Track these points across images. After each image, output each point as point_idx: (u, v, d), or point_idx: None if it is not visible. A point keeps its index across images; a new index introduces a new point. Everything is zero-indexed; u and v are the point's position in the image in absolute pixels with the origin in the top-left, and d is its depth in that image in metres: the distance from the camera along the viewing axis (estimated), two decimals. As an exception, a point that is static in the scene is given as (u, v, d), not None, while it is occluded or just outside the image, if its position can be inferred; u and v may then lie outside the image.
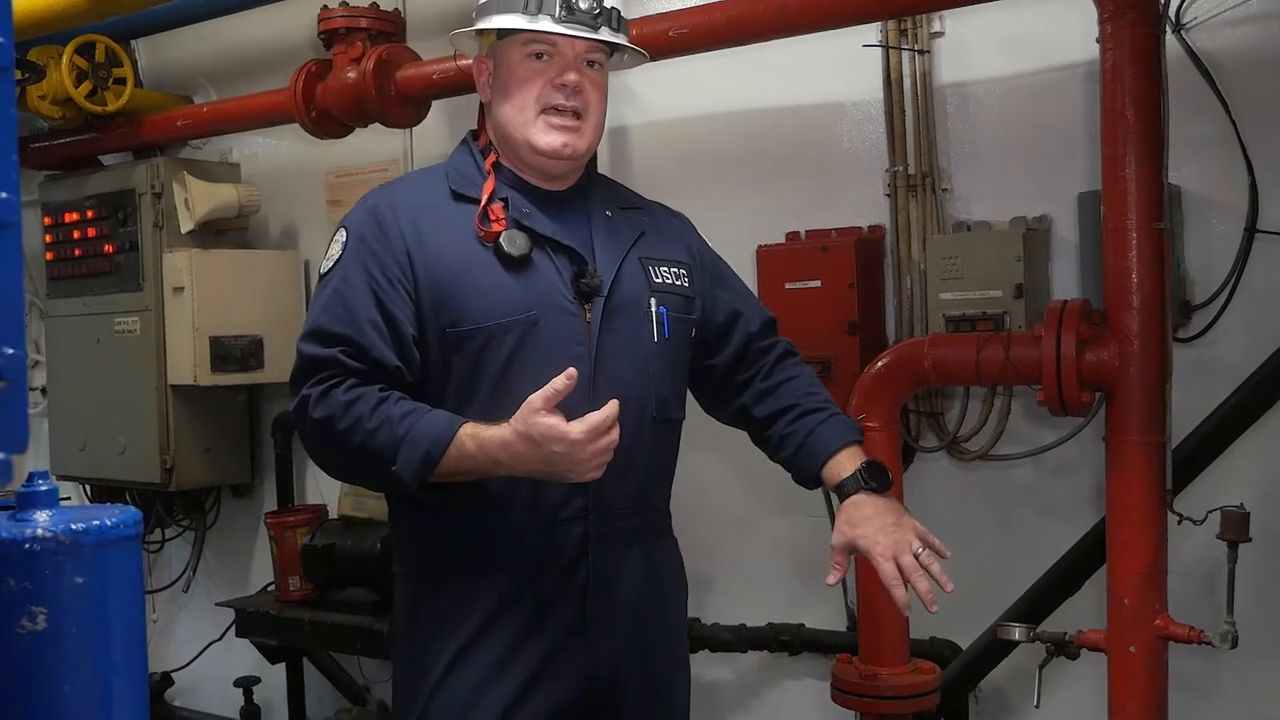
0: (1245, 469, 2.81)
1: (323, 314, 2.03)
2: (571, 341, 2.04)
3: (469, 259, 2.04)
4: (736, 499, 3.57)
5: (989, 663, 3.04)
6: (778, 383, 2.28)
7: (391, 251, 2.03)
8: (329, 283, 2.06)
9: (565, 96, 2.08)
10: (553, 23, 2.05)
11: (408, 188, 2.18)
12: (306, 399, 1.98)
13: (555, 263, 2.08)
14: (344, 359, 1.98)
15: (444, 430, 1.93)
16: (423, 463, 1.92)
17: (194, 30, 4.37)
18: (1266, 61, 2.80)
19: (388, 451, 1.93)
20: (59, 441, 4.49)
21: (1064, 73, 3.01)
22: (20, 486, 1.18)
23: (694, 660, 3.57)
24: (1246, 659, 2.74)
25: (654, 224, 2.28)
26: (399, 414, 1.95)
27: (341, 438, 1.95)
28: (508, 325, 2.02)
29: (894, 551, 2.09)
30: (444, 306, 2.02)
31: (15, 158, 0.91)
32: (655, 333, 2.14)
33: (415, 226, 2.05)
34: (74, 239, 4.42)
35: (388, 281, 2.02)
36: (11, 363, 0.90)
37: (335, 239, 2.10)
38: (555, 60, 2.08)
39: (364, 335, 1.99)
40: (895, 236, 3.24)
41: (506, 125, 2.12)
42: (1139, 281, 2.44)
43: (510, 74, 2.11)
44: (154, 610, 4.91)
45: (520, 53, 2.09)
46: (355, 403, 1.95)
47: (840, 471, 2.16)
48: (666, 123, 3.66)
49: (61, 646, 1.11)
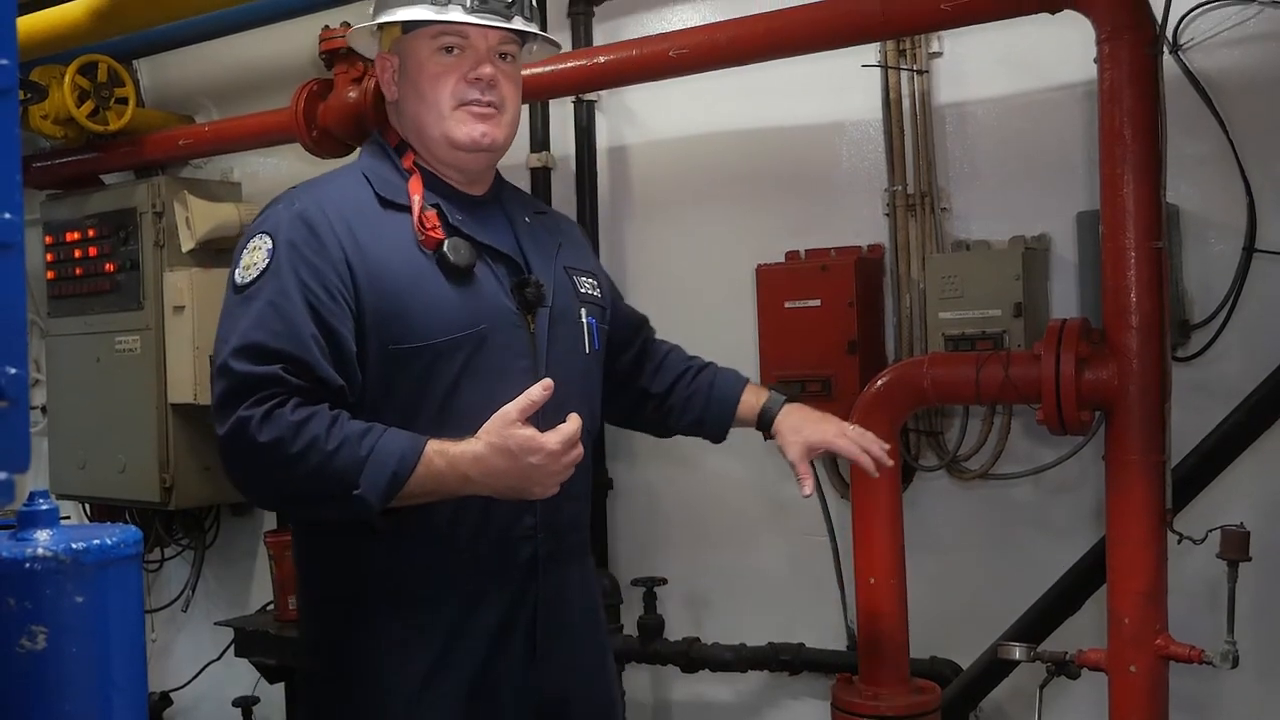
0: (1245, 488, 2.81)
1: (255, 329, 1.83)
2: (519, 355, 1.97)
3: (411, 270, 1.91)
4: (735, 518, 3.57)
5: (990, 682, 3.03)
6: (662, 356, 2.38)
7: (330, 261, 1.87)
8: (257, 294, 1.85)
9: (480, 91, 1.98)
10: (464, 13, 1.95)
11: (333, 189, 2.00)
12: (245, 421, 1.78)
13: (495, 272, 1.99)
14: (285, 376, 1.80)
15: (410, 448, 1.81)
16: (390, 483, 1.79)
17: (195, 50, 4.39)
18: (1263, 81, 2.81)
19: (349, 474, 1.78)
20: (59, 460, 4.48)
21: (1062, 93, 3.03)
22: (21, 506, 1.18)
23: (694, 680, 3.60)
24: (1247, 679, 2.74)
25: (564, 232, 2.23)
26: (356, 433, 1.80)
27: (293, 461, 1.78)
28: (457, 341, 1.91)
29: (839, 432, 2.20)
30: (388, 322, 1.89)
31: (19, 178, 0.91)
32: (586, 343, 2.10)
33: (351, 233, 1.90)
34: (75, 258, 4.42)
35: (327, 294, 1.85)
36: (14, 382, 0.90)
37: (255, 246, 1.91)
38: (467, 53, 1.98)
39: (307, 352, 1.82)
40: (894, 255, 3.25)
41: (421, 124, 2.01)
42: (1138, 300, 2.44)
43: (420, 70, 1.99)
44: (153, 629, 4.90)
45: (429, 47, 1.99)
46: (307, 423, 1.78)
47: (755, 403, 2.28)
48: (666, 142, 3.67)
49: (61, 666, 1.11)
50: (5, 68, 0.90)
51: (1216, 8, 2.82)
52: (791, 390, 3.18)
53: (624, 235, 3.75)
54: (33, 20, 3.69)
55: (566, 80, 3.28)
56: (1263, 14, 2.79)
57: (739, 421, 2.31)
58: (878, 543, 2.70)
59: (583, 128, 3.71)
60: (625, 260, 3.75)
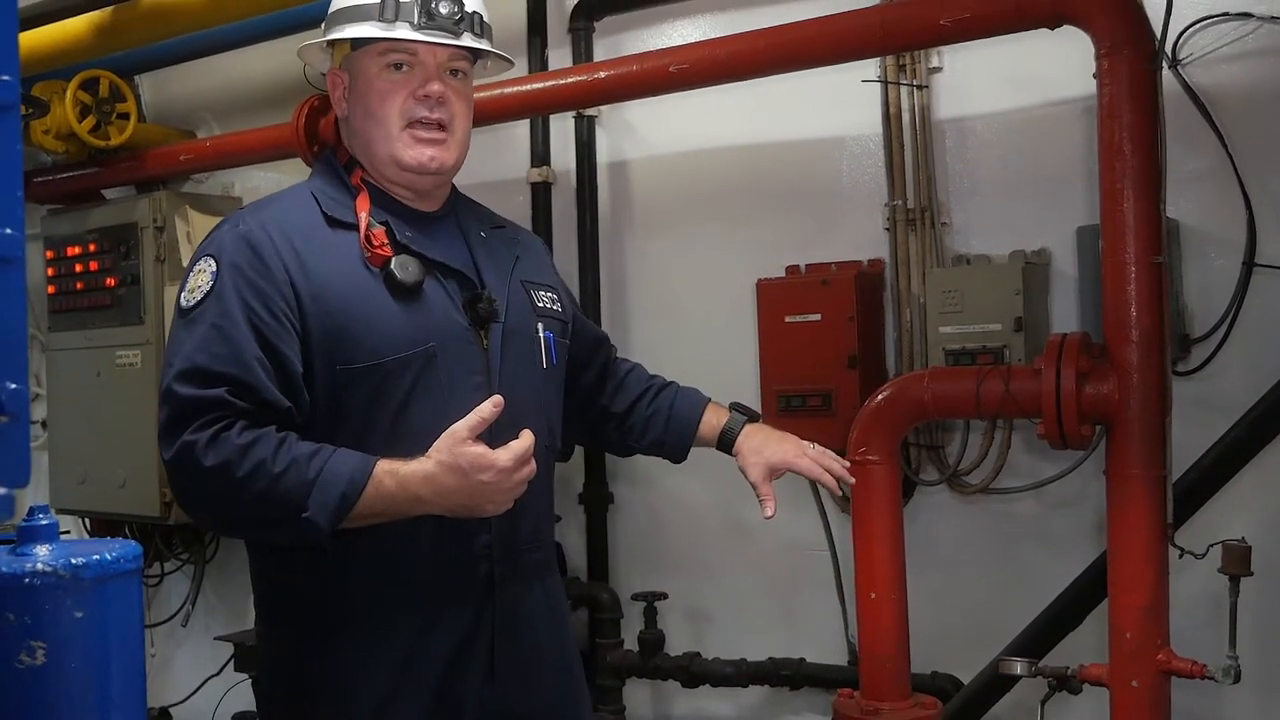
0: (1246, 502, 2.81)
1: (198, 352, 1.82)
2: (471, 371, 1.95)
3: (357, 289, 1.89)
4: (736, 533, 3.56)
5: (991, 698, 3.02)
6: (623, 375, 2.37)
7: (274, 282, 1.85)
8: (201, 317, 1.85)
9: (429, 109, 1.97)
10: (411, 30, 1.93)
11: (279, 210, 1.98)
12: (191, 445, 1.77)
13: (446, 288, 1.97)
14: (230, 399, 1.79)
15: (358, 469, 1.79)
16: (339, 506, 1.77)
17: (197, 65, 4.40)
18: (1262, 96, 2.82)
19: (297, 497, 1.76)
20: (59, 474, 4.48)
21: (1062, 108, 3.03)
22: (21, 520, 1.17)
23: (695, 695, 3.59)
24: (1249, 694, 2.73)
25: (522, 245, 2.21)
26: (304, 455, 1.79)
27: (240, 485, 1.76)
28: (406, 360, 1.89)
29: (800, 452, 2.21)
30: (334, 342, 1.87)
31: (20, 194, 0.92)
32: (544, 359, 2.09)
33: (296, 254, 1.88)
34: (76, 272, 4.43)
35: (271, 316, 1.84)
36: (14, 397, 0.90)
37: (200, 269, 1.90)
38: (416, 70, 1.97)
39: (251, 374, 1.81)
40: (895, 270, 3.25)
41: (369, 142, 2.00)
42: (1138, 315, 2.44)
43: (369, 87, 1.98)
44: (152, 644, 4.88)
45: (378, 64, 1.97)
46: (253, 445, 1.77)
47: (716, 423, 2.28)
48: (667, 157, 3.68)
49: (61, 681, 1.11)
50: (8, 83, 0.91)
51: (1215, 23, 2.83)
52: (792, 404, 3.22)
53: (624, 250, 3.75)
54: (35, 36, 3.71)
55: (567, 95, 3.29)
56: (1261, 29, 2.80)
57: (700, 441, 2.31)
58: (878, 557, 2.70)
59: (583, 143, 3.72)
60: (625, 275, 3.75)
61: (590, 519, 3.73)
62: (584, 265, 3.70)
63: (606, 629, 3.60)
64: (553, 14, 3.74)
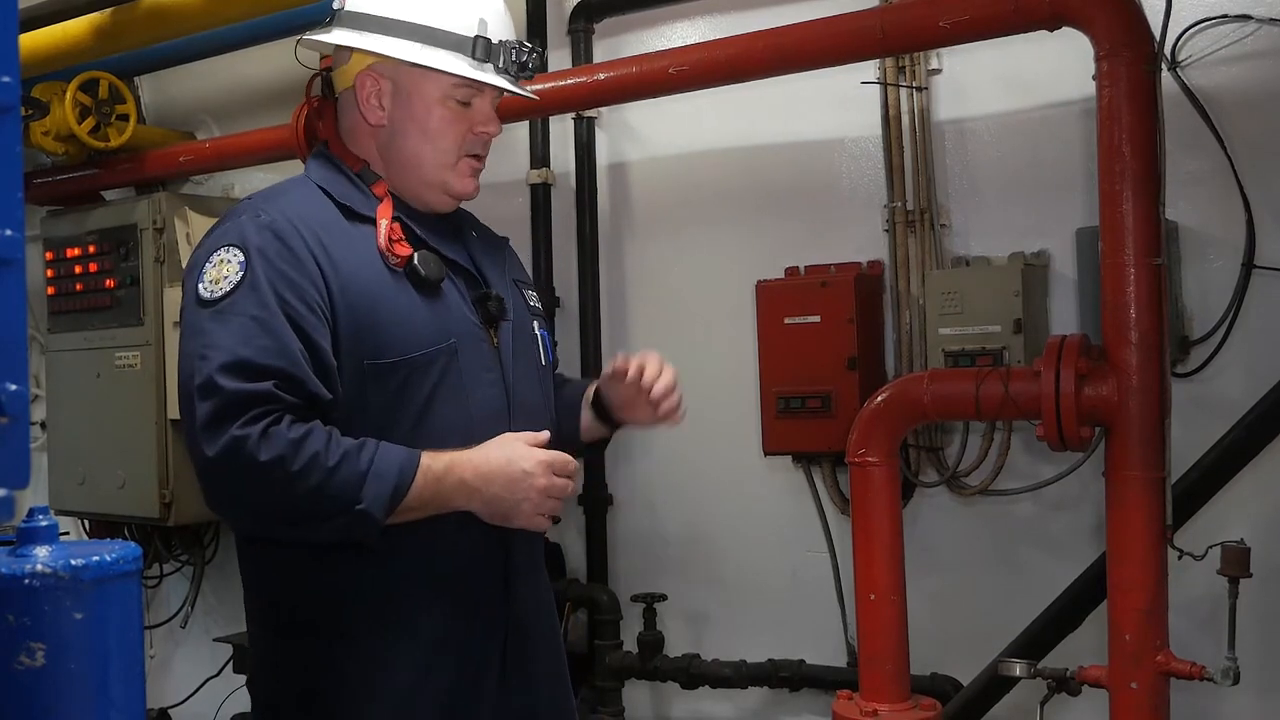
0: (1245, 504, 2.81)
1: (243, 345, 1.77)
2: (486, 368, 1.96)
3: (382, 283, 1.89)
4: (735, 534, 3.57)
5: (990, 699, 3.02)
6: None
7: (305, 274, 1.83)
8: (234, 308, 1.80)
9: (483, 146, 2.02)
10: (496, 74, 1.97)
11: (293, 202, 1.94)
12: (242, 440, 1.73)
13: (457, 286, 1.98)
14: (279, 393, 1.76)
15: (406, 459, 1.80)
16: (392, 495, 1.78)
17: (196, 67, 4.40)
18: (1261, 98, 2.82)
19: (352, 489, 1.76)
20: (58, 476, 4.48)
21: (1061, 110, 3.04)
22: (20, 522, 1.17)
23: (694, 696, 3.59)
24: (1248, 695, 2.73)
25: (501, 247, 2.21)
26: (354, 447, 1.78)
27: (295, 479, 1.74)
28: (431, 355, 1.89)
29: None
30: (362, 336, 1.86)
31: (20, 195, 0.91)
32: (542, 355, 2.11)
33: (322, 246, 1.87)
34: (75, 274, 4.43)
35: (306, 308, 1.81)
36: (14, 399, 0.90)
37: (225, 259, 1.84)
38: (476, 105, 1.99)
39: (298, 367, 1.78)
40: (894, 272, 3.25)
41: (418, 160, 1.99)
42: (1137, 317, 2.44)
43: (427, 111, 1.97)
44: (152, 646, 4.89)
45: (445, 91, 1.96)
46: (306, 439, 1.75)
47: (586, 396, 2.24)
48: (666, 159, 3.68)
49: (60, 683, 1.10)
50: (8, 85, 0.91)
51: (1214, 25, 2.83)
52: (792, 406, 3.22)
53: (624, 251, 3.75)
54: (35, 37, 3.71)
55: (567, 97, 3.29)
56: (1260, 31, 2.80)
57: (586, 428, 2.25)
58: (878, 559, 2.70)
59: (583, 144, 3.72)
60: (625, 276, 3.75)
61: (590, 520, 3.73)
62: (583, 267, 3.70)
63: (606, 630, 3.60)
64: (552, 16, 3.75)
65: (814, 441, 3.23)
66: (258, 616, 2.03)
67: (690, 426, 2.27)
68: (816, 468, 3.35)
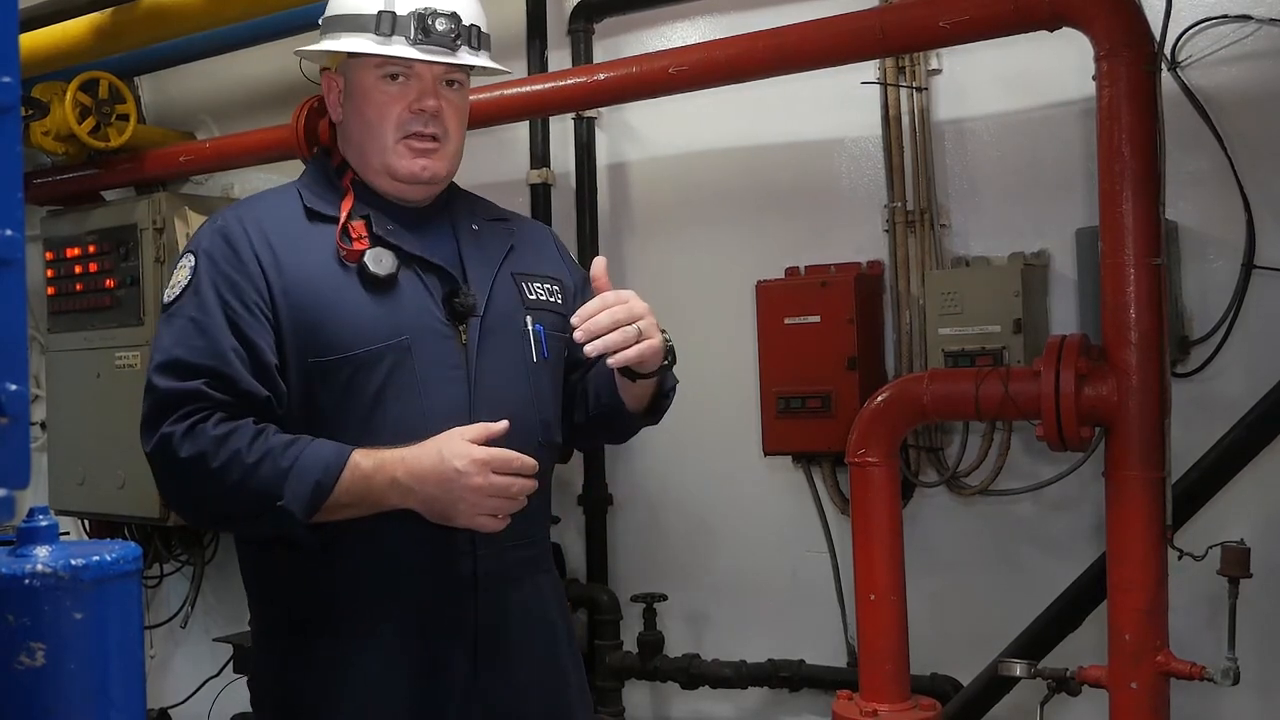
0: (1245, 504, 2.81)
1: (177, 345, 1.86)
2: (449, 366, 1.95)
3: (330, 281, 1.91)
4: (735, 534, 3.57)
5: (990, 699, 3.02)
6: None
7: (247, 275, 1.88)
8: (179, 311, 1.89)
9: (424, 123, 1.98)
10: (407, 45, 1.94)
11: (259, 207, 2.02)
12: (169, 437, 1.80)
13: (425, 282, 1.98)
14: (209, 391, 1.82)
15: (334, 455, 1.81)
16: (313, 493, 1.79)
17: (197, 67, 4.40)
18: (1261, 98, 2.82)
19: (272, 486, 1.78)
20: (58, 476, 4.47)
21: (1061, 109, 3.04)
22: (20, 522, 1.17)
23: (694, 696, 3.59)
24: (1249, 696, 2.73)
25: (522, 237, 2.20)
26: (280, 445, 1.81)
27: (215, 476, 1.79)
28: (378, 353, 1.89)
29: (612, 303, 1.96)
30: (306, 335, 1.89)
31: (20, 195, 0.91)
32: (534, 352, 2.07)
33: (269, 248, 1.91)
34: (75, 274, 4.42)
35: (244, 308, 1.87)
36: (14, 399, 0.90)
37: (182, 265, 1.94)
38: (412, 82, 1.98)
39: (228, 365, 1.83)
40: (894, 272, 3.25)
41: (364, 149, 2.02)
42: (1137, 317, 2.44)
43: (365, 97, 2.00)
44: (152, 646, 4.88)
45: (373, 74, 1.99)
46: (229, 437, 1.80)
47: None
48: (666, 159, 3.68)
49: (60, 683, 1.10)
50: (8, 85, 0.90)
51: (1214, 25, 2.83)
52: (792, 406, 3.22)
53: (624, 251, 3.75)
54: (35, 37, 3.70)
55: (567, 97, 3.29)
56: (1260, 31, 2.80)
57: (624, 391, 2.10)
58: (877, 559, 2.70)
59: (583, 144, 3.72)
60: (625, 276, 3.75)
61: (590, 521, 3.73)
62: (583, 267, 3.70)
63: (606, 630, 3.60)
64: (552, 16, 3.74)
65: (814, 441, 3.23)
66: (250, 614, 2.08)
67: (690, 426, 2.28)
68: (816, 468, 3.35)
